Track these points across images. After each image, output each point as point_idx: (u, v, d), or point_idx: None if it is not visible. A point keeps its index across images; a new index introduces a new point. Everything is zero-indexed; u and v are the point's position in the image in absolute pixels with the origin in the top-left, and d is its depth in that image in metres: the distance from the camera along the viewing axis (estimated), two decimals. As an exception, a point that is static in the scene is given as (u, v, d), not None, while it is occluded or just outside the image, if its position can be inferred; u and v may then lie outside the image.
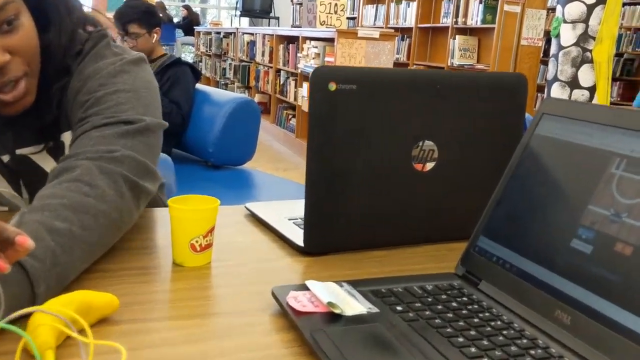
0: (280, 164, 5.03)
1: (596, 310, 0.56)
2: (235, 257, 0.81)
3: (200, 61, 9.49)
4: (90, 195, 0.70)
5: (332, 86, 0.76)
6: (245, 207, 1.00)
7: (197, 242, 0.75)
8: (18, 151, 0.89)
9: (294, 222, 0.92)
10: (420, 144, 0.83)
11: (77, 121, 0.82)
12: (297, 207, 0.94)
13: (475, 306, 0.65)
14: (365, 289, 0.67)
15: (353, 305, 0.63)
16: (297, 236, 0.84)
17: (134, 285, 0.70)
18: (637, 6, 6.92)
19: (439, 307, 0.64)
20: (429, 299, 0.66)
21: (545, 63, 5.10)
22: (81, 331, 0.52)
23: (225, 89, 7.68)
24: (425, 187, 0.85)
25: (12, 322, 0.49)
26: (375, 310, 0.62)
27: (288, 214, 0.96)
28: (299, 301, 0.63)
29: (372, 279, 0.71)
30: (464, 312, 0.63)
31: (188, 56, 11.46)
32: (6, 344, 0.53)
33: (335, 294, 0.63)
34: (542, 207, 0.66)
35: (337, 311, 0.60)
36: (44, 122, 0.87)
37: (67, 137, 0.90)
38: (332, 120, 0.78)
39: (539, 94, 6.49)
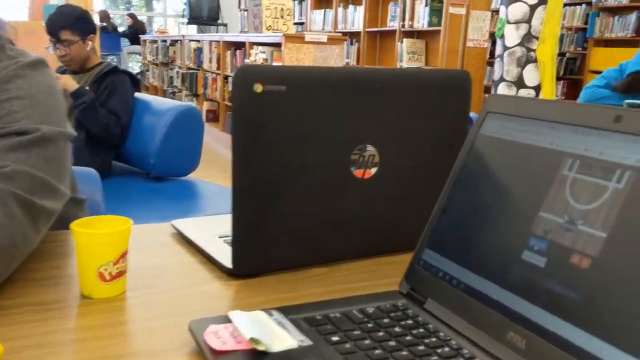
0: (230, 173, 4.91)
1: (552, 332, 0.49)
2: (154, 285, 0.72)
3: (148, 70, 9.27)
4: None
5: (259, 87, 0.68)
6: (172, 224, 0.91)
7: (106, 270, 0.65)
8: None
9: (224, 240, 0.83)
10: (360, 148, 0.76)
11: None
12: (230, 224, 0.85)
13: (421, 330, 0.57)
14: (299, 316, 0.59)
15: (282, 338, 0.54)
16: (227, 257, 0.75)
17: (31, 324, 0.60)
18: (577, 7, 7.10)
19: (380, 333, 0.56)
20: (370, 325, 0.58)
21: (492, 64, 5.15)
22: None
23: (173, 98, 7.51)
24: (367, 196, 0.78)
25: None
26: (307, 342, 0.54)
27: (220, 231, 0.87)
28: (219, 337, 0.54)
29: (307, 303, 0.63)
30: (407, 338, 0.56)
31: (135, 65, 11.20)
32: None
33: (261, 327, 0.55)
34: (490, 215, 0.59)
35: (261, 348, 0.52)
36: None
37: None
38: (259, 126, 0.69)
39: (486, 95, 6.56)
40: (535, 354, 0.50)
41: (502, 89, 4.66)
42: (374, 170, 0.77)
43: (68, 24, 2.55)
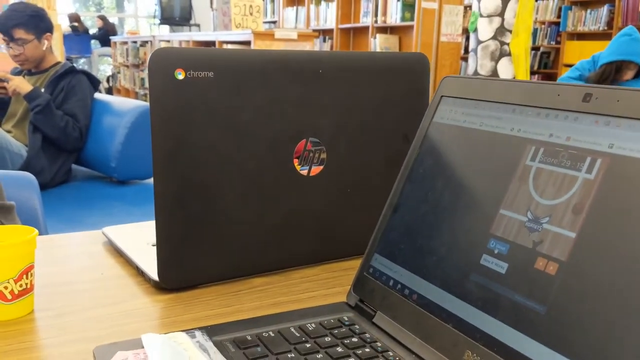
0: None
1: (515, 351, 0.41)
2: (70, 303, 0.62)
3: (119, 72, 9.10)
4: None
5: (180, 74, 0.59)
6: (102, 232, 0.81)
7: (6, 288, 0.56)
8: None
9: (158, 249, 0.74)
10: (304, 142, 0.68)
11: None
12: (164, 229, 0.76)
13: (367, 349, 0.49)
14: (226, 337, 0.51)
15: (201, 365, 0.46)
16: (154, 268, 0.66)
17: None
18: (550, 0, 7.10)
19: (319, 356, 0.48)
20: (307, 345, 0.50)
21: (467, 59, 5.11)
22: None
23: (145, 100, 7.37)
24: (314, 195, 0.70)
25: None
26: (231, 369, 0.46)
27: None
28: (126, 366, 0.46)
29: (238, 321, 0.55)
30: (350, 359, 0.48)
31: (107, 68, 11.01)
32: None
33: (177, 352, 0.46)
34: (445, 214, 0.51)
35: (172, 379, 0.44)
36: None
37: None
38: (183, 118, 0.61)
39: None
40: (496, 378, 0.42)
41: (477, 84, 4.64)
42: (320, 167, 0.69)
43: (21, 22, 2.43)
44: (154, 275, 0.65)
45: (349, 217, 0.72)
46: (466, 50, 5.99)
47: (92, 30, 10.82)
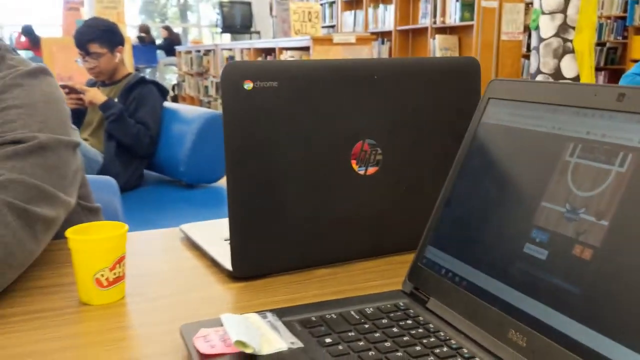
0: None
1: (554, 329, 0.45)
2: (156, 290, 0.70)
3: (184, 81, 9.42)
4: None
5: (249, 85, 0.66)
6: (180, 229, 0.90)
7: (102, 276, 0.65)
8: None
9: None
10: (361, 144, 0.74)
11: None
12: (235, 226, 0.83)
13: (420, 330, 0.54)
14: (293, 318, 0.57)
15: (272, 341, 0.52)
16: (228, 259, 0.73)
17: (28, 332, 0.60)
18: (616, -6, 6.87)
19: (377, 334, 0.54)
20: (366, 326, 0.55)
21: (528, 57, 5.02)
22: None
23: (209, 107, 7.60)
24: (371, 193, 0.75)
25: None
26: (298, 345, 0.52)
27: (227, 233, 0.85)
28: (208, 341, 0.53)
29: (304, 305, 0.61)
30: (405, 338, 0.53)
31: (172, 77, 11.39)
32: None
33: (251, 329, 0.53)
34: (492, 207, 0.56)
35: (248, 351, 0.50)
36: None
37: None
38: (251, 124, 0.68)
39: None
40: (536, 352, 0.46)
41: (539, 82, 4.55)
42: (376, 167, 0.74)
43: (96, 37, 2.60)
44: (228, 266, 0.72)
45: (404, 213, 0.78)
46: (528, 49, 5.88)
47: (158, 41, 11.23)
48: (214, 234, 0.86)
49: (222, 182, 2.73)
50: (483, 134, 0.61)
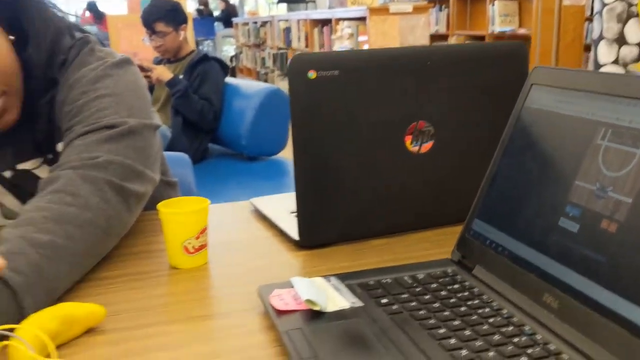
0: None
1: (582, 293, 0.52)
2: (233, 256, 0.81)
3: (241, 52, 9.56)
4: (73, 204, 0.70)
5: (312, 74, 0.74)
6: (251, 202, 1.00)
7: (189, 244, 0.75)
8: (19, 166, 0.91)
9: (295, 216, 0.90)
10: (415, 125, 0.80)
11: (64, 131, 0.83)
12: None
13: (466, 293, 0.62)
14: (353, 282, 0.66)
15: (336, 300, 0.61)
16: (295, 230, 0.82)
17: (129, 291, 0.71)
18: (690, -50, 6.50)
19: (427, 296, 0.62)
20: (418, 289, 0.63)
21: (592, 21, 4.86)
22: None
23: (266, 78, 7.72)
24: (424, 170, 0.82)
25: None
26: (359, 304, 0.61)
27: (292, 207, 0.94)
28: (282, 299, 0.62)
29: (363, 271, 0.69)
30: (452, 300, 0.61)
31: (230, 48, 11.54)
32: (-14, 361, 0.55)
33: (317, 290, 0.62)
34: (532, 184, 0.62)
35: (316, 308, 0.59)
36: (38, 136, 0.88)
37: (61, 148, 0.91)
38: (315, 110, 0.76)
39: (586, 56, 6.21)
40: (567, 313, 0.53)
41: (603, 47, 4.41)
42: (429, 145, 0.81)
43: (162, 16, 2.73)
44: (295, 236, 0.81)
45: (453, 189, 0.84)
46: (591, 13, 5.68)
47: (216, 13, 11.39)
48: (281, 207, 0.95)
49: (282, 155, 2.84)
50: (525, 117, 0.67)
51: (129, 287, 0.72)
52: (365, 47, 4.54)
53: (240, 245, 0.85)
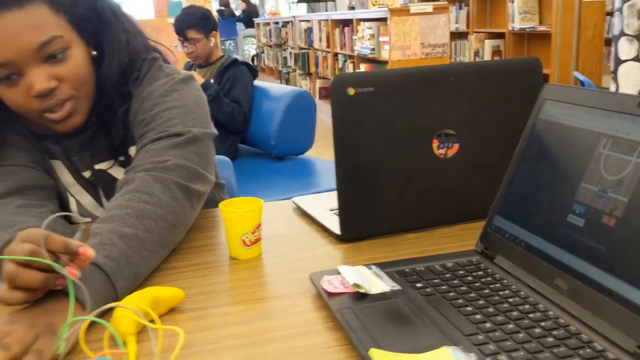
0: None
1: (588, 277, 0.63)
2: (282, 249, 0.92)
3: (262, 52, 9.69)
4: (149, 202, 0.82)
5: (351, 91, 0.85)
6: (293, 201, 1.11)
7: (247, 238, 0.87)
8: (96, 166, 1.04)
9: (334, 213, 1.02)
10: (441, 132, 0.91)
11: (138, 137, 0.96)
12: (338, 199, 1.04)
13: (489, 278, 0.73)
14: (392, 269, 0.77)
15: (378, 284, 0.72)
16: (336, 225, 0.94)
17: (197, 278, 0.83)
18: None
19: (455, 281, 0.73)
20: (447, 275, 0.74)
21: (613, 15, 4.89)
22: (152, 321, 0.65)
23: (287, 78, 7.84)
24: (449, 172, 0.93)
25: (98, 315, 0.62)
26: (397, 287, 0.72)
27: (330, 205, 1.06)
28: (331, 284, 0.73)
29: (399, 260, 0.81)
30: (477, 284, 0.71)
31: (251, 48, 11.68)
32: (95, 333, 0.67)
33: (362, 276, 0.73)
34: (544, 186, 0.73)
35: (362, 291, 0.70)
36: (114, 140, 1.01)
37: (133, 151, 1.03)
38: (354, 121, 0.87)
39: (608, 50, 6.22)
40: (575, 294, 0.64)
41: (623, 44, 4.44)
42: (454, 151, 0.92)
43: (193, 24, 2.86)
44: (336, 230, 0.93)
45: (475, 189, 0.95)
46: (613, 7, 5.69)
47: (237, 13, 11.54)
48: (320, 205, 1.07)
49: (309, 154, 2.96)
50: (539, 128, 0.77)
51: (196, 275, 0.84)
52: (386, 47, 4.64)
53: (288, 239, 0.97)
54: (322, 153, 3.64)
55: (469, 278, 0.73)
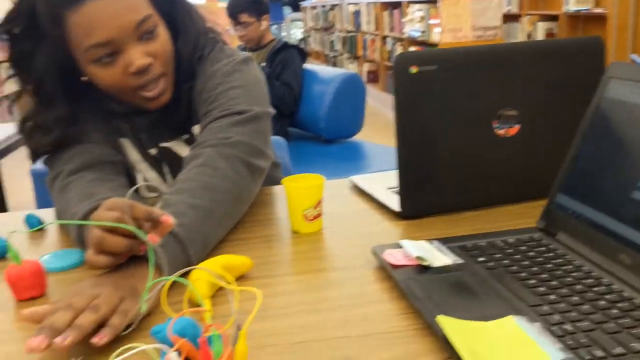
0: (392, 131, 5.09)
1: (653, 252, 0.63)
2: (342, 224, 0.95)
3: (309, 36, 9.70)
4: (215, 176, 0.86)
5: (414, 69, 0.87)
6: (350, 180, 1.13)
7: (309, 212, 0.89)
8: (162, 144, 1.09)
9: (392, 191, 1.04)
10: (502, 111, 0.92)
11: (202, 115, 1.00)
12: (396, 177, 1.05)
13: (551, 254, 0.74)
14: (453, 245, 0.79)
15: (440, 258, 0.74)
16: (395, 203, 0.96)
17: (262, 249, 0.86)
18: None
19: (518, 256, 0.74)
20: (509, 251, 0.75)
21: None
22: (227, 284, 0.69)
23: (335, 62, 7.83)
24: (509, 151, 0.94)
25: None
26: (460, 261, 0.74)
27: (388, 183, 1.08)
28: (394, 256, 0.76)
29: (460, 236, 0.82)
30: (539, 259, 0.72)
31: (297, 32, 11.69)
32: (175, 296, 0.71)
33: (424, 250, 0.75)
34: (608, 163, 0.73)
35: (425, 263, 0.72)
36: (179, 118, 1.05)
37: (196, 129, 1.08)
38: (416, 100, 0.88)
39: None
40: (639, 268, 0.64)
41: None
42: (515, 130, 0.92)
43: (245, 8, 2.90)
44: (395, 208, 0.94)
45: (535, 168, 0.95)
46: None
47: (283, -3, 11.55)
48: (378, 184, 1.09)
49: (358, 137, 2.97)
50: (603, 106, 0.77)
51: (261, 247, 0.88)
52: (437, 30, 4.58)
53: (347, 215, 0.99)
54: (369, 137, 3.64)
55: (531, 253, 0.74)
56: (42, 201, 1.92)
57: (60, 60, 0.94)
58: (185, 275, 0.71)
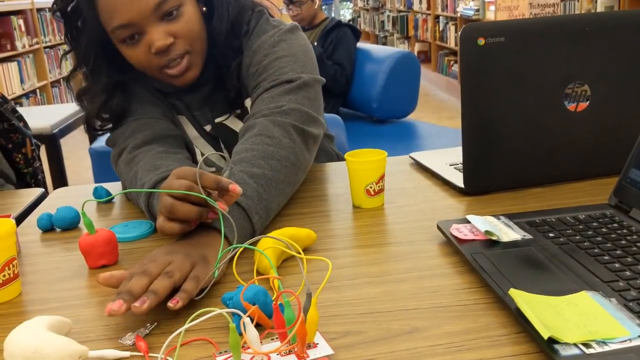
0: (444, 112, 5.04)
1: None
2: (404, 200, 0.94)
3: (359, 16, 9.62)
4: (271, 144, 0.87)
5: (481, 41, 0.85)
6: (410, 156, 1.12)
7: (371, 187, 0.89)
8: (216, 120, 1.10)
9: (454, 167, 1.02)
10: (572, 85, 0.89)
11: (252, 88, 1.00)
12: (457, 154, 1.03)
13: (625, 230, 0.71)
14: (521, 220, 0.77)
15: (508, 233, 0.73)
16: (458, 179, 0.94)
17: (324, 224, 0.87)
18: None
19: (589, 232, 0.72)
20: (580, 227, 0.73)
21: None
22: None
23: (385, 42, 7.75)
24: (579, 127, 0.91)
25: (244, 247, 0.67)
26: (529, 236, 0.72)
27: (449, 160, 1.06)
28: (460, 231, 0.74)
29: (527, 212, 0.80)
30: (612, 235, 0.70)
31: (347, 12, 11.61)
32: (244, 265, 0.73)
33: (492, 225, 0.74)
34: (691, 136, 0.70)
35: (493, 238, 0.71)
36: (230, 94, 1.06)
37: (248, 102, 1.09)
38: (482, 72, 0.86)
39: None
40: None
41: None
42: (585, 104, 0.89)
43: (298, -14, 2.88)
44: (459, 184, 0.93)
45: (606, 144, 0.92)
46: None
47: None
48: (439, 160, 1.07)
49: (410, 118, 2.94)
50: (686, 76, 0.73)
51: (322, 221, 0.88)
52: (492, 8, 4.46)
53: (409, 191, 0.98)
54: (421, 117, 3.59)
55: (604, 230, 0.72)
56: (101, 180, 1.98)
57: (100, 38, 0.97)
58: (253, 244, 0.72)
